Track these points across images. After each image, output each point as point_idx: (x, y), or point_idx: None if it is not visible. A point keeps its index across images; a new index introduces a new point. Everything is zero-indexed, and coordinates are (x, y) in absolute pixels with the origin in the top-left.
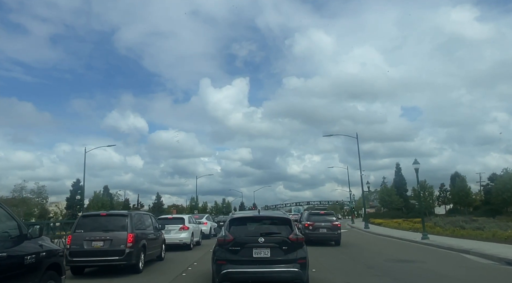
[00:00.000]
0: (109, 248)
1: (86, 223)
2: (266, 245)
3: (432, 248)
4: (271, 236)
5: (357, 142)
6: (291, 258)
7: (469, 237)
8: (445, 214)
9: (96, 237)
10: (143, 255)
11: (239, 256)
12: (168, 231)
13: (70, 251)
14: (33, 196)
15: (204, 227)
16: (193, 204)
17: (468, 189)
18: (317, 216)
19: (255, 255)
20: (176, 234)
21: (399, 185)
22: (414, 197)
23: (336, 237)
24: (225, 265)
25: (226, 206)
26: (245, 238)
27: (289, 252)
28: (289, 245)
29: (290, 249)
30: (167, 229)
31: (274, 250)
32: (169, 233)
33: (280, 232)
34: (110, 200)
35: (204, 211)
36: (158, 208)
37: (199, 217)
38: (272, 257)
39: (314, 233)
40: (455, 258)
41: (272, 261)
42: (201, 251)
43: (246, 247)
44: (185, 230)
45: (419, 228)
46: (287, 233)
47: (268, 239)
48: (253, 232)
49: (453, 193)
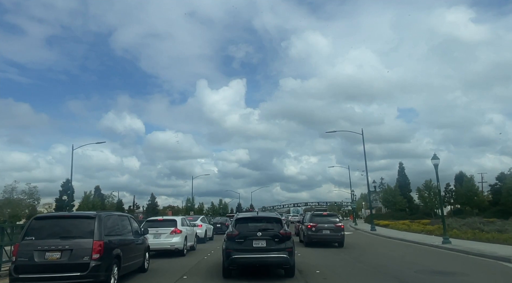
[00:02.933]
0: (68, 261)
1: (40, 228)
2: (263, 238)
3: (460, 254)
4: (267, 231)
5: (363, 138)
6: (281, 247)
7: (495, 241)
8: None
9: (51, 247)
10: (117, 268)
11: (243, 246)
12: (157, 235)
13: (16, 265)
14: (24, 197)
15: (198, 230)
16: (189, 205)
17: (477, 189)
18: (320, 217)
19: (254, 245)
20: (167, 238)
21: (402, 185)
22: (420, 197)
23: (339, 238)
24: (232, 253)
25: (223, 207)
26: (247, 232)
27: (280, 243)
28: (280, 237)
29: (280, 240)
30: (157, 233)
31: (268, 241)
32: (158, 238)
33: (273, 228)
34: (102, 201)
35: (200, 212)
36: (152, 209)
37: (193, 219)
38: (267, 246)
39: (317, 234)
40: (499, 269)
41: (267, 250)
42: (194, 258)
43: (248, 239)
44: (177, 233)
45: (432, 230)
46: (279, 229)
47: (264, 233)
48: (253, 228)
49: (461, 193)
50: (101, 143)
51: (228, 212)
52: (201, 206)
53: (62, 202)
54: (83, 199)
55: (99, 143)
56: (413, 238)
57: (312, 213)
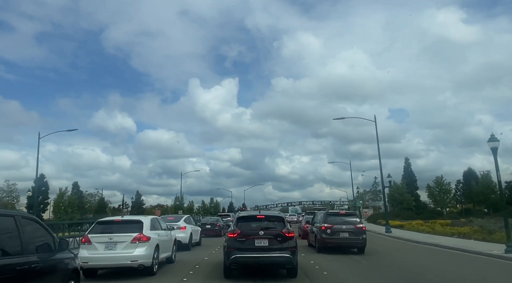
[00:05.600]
0: None
1: None
2: (265, 237)
3: None
4: (269, 229)
5: (375, 126)
6: (284, 247)
7: None
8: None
9: None
10: None
11: (244, 245)
12: (111, 245)
13: None
14: (2, 194)
15: (180, 234)
16: (178, 204)
17: (494, 186)
18: (336, 217)
19: (256, 244)
20: (127, 249)
21: (409, 182)
22: (430, 195)
23: (360, 243)
24: (233, 252)
25: (215, 206)
26: (249, 231)
27: (283, 242)
28: (282, 236)
29: (283, 240)
30: (111, 241)
31: (271, 240)
32: (113, 248)
33: (276, 227)
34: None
35: (190, 211)
36: (138, 208)
37: (174, 219)
38: (270, 246)
39: (334, 238)
40: None
41: (270, 249)
42: (171, 277)
43: (249, 238)
44: (142, 242)
45: (468, 233)
46: (281, 228)
47: (267, 232)
48: (255, 227)
49: (477, 191)
50: (72, 130)
51: (219, 211)
52: (191, 204)
53: (34, 200)
54: (57, 196)
55: (70, 131)
56: (451, 243)
57: (325, 212)
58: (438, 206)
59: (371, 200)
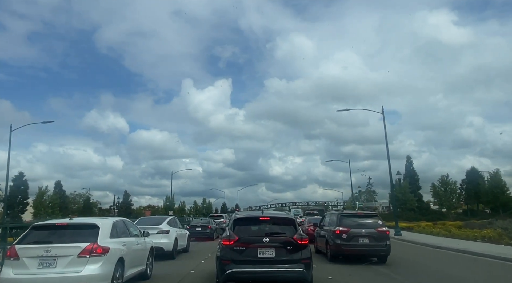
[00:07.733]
0: None
1: None
2: (271, 245)
3: None
4: (276, 236)
5: (383, 117)
6: (295, 258)
7: None
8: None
9: None
10: None
11: (243, 256)
12: (49, 261)
13: None
14: None
15: (162, 239)
16: (168, 204)
17: (504, 186)
18: (353, 218)
19: (260, 255)
20: (71, 267)
21: (411, 181)
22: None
23: (383, 250)
24: (229, 265)
25: (207, 207)
26: (250, 238)
27: (294, 252)
28: (293, 245)
29: (294, 249)
30: (48, 255)
31: (279, 250)
32: (51, 266)
33: (285, 232)
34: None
35: (181, 212)
36: (125, 208)
37: (155, 221)
38: (277, 257)
39: (350, 244)
40: None
41: (277, 261)
42: None
43: (251, 247)
44: (96, 255)
45: (494, 238)
46: (292, 233)
47: (273, 239)
48: (257, 232)
49: (486, 191)
50: (48, 122)
51: (212, 212)
52: (182, 205)
53: (13, 200)
54: (36, 196)
55: (45, 122)
56: (482, 249)
57: (340, 212)
58: (443, 206)
59: (366, 201)
